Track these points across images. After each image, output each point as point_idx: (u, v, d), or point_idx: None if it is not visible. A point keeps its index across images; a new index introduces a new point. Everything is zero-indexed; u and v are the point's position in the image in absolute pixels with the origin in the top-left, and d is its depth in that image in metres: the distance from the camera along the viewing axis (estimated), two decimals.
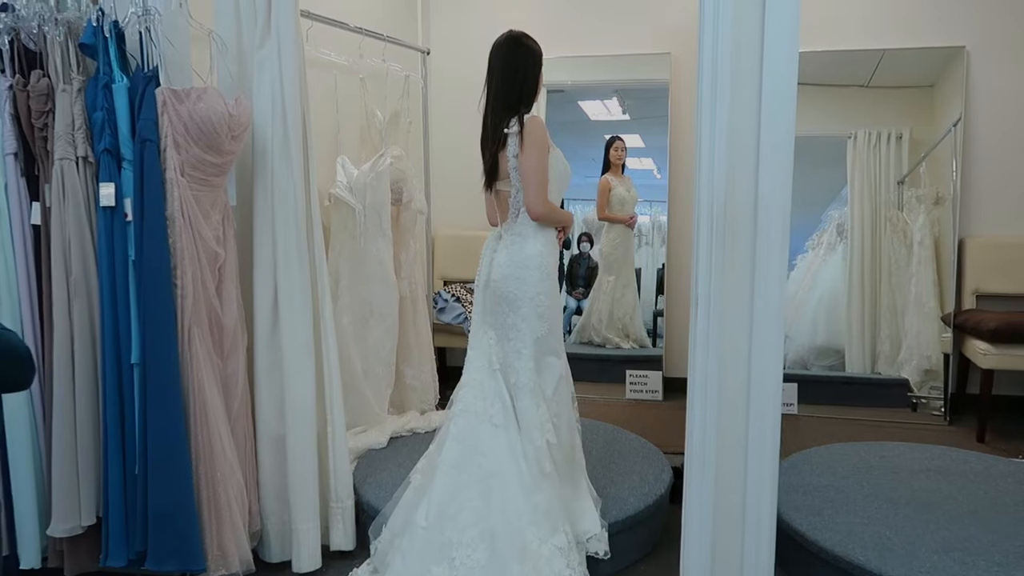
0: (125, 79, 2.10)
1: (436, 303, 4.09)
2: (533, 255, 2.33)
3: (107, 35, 2.07)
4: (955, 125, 3.88)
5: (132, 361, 2.09)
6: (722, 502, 1.93)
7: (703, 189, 1.76)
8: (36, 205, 2.14)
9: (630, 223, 4.44)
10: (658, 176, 4.49)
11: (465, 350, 2.49)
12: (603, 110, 4.69)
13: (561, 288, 4.49)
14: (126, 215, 2.09)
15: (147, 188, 2.05)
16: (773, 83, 1.66)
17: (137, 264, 2.08)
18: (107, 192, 2.07)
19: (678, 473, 2.88)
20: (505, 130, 2.28)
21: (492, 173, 2.37)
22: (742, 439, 1.88)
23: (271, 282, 2.34)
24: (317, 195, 2.47)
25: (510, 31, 2.36)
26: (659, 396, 4.17)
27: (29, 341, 2.15)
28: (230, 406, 2.27)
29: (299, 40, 2.37)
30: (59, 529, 2.11)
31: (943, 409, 3.87)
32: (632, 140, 4.60)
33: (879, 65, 4.05)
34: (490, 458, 2.28)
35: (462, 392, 2.41)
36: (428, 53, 3.99)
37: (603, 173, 4.42)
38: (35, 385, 2.16)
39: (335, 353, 2.51)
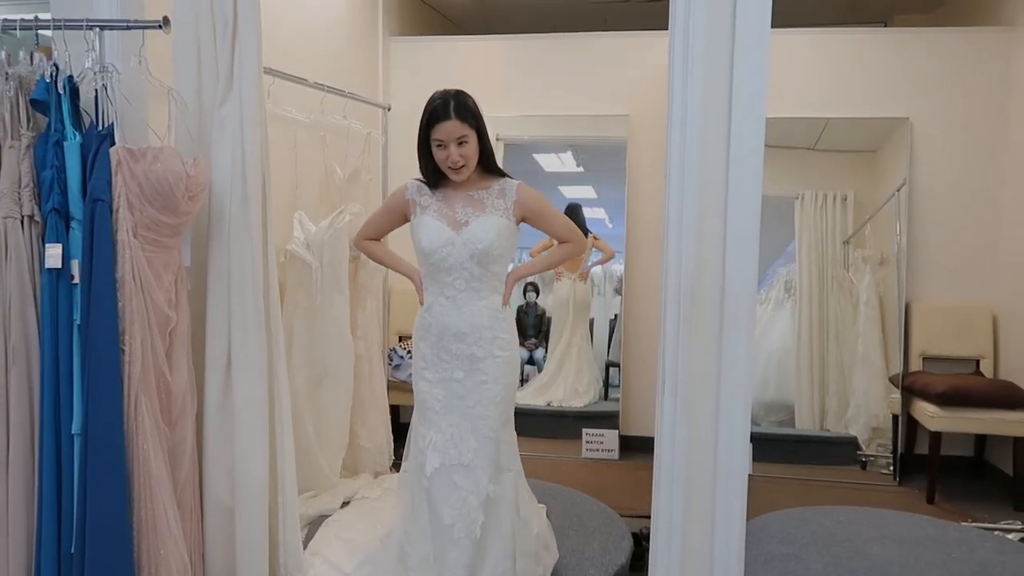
0: (78, 136, 2.02)
1: (391, 359, 4.02)
2: None
3: (60, 91, 1.99)
4: (899, 190, 4.02)
5: (73, 431, 1.97)
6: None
7: (671, 270, 1.76)
8: None
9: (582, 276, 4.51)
10: (609, 225, 4.60)
11: None
12: (557, 162, 4.79)
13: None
14: (73, 277, 1.99)
15: (97, 249, 1.96)
16: (740, 179, 1.69)
17: (83, 329, 1.97)
18: (53, 253, 1.97)
19: (637, 539, 2.85)
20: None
21: None
22: (708, 518, 1.86)
23: (225, 347, 2.24)
24: (275, 256, 2.40)
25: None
26: (615, 455, 4.14)
27: None
28: (176, 476, 2.16)
29: (262, 98, 2.32)
30: None
31: (892, 469, 3.93)
32: (585, 191, 4.73)
33: (824, 130, 4.20)
34: None
35: None
36: (389, 109, 3.99)
37: None
38: None
39: (289, 420, 2.42)
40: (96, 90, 2.02)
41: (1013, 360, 3.78)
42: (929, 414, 3.58)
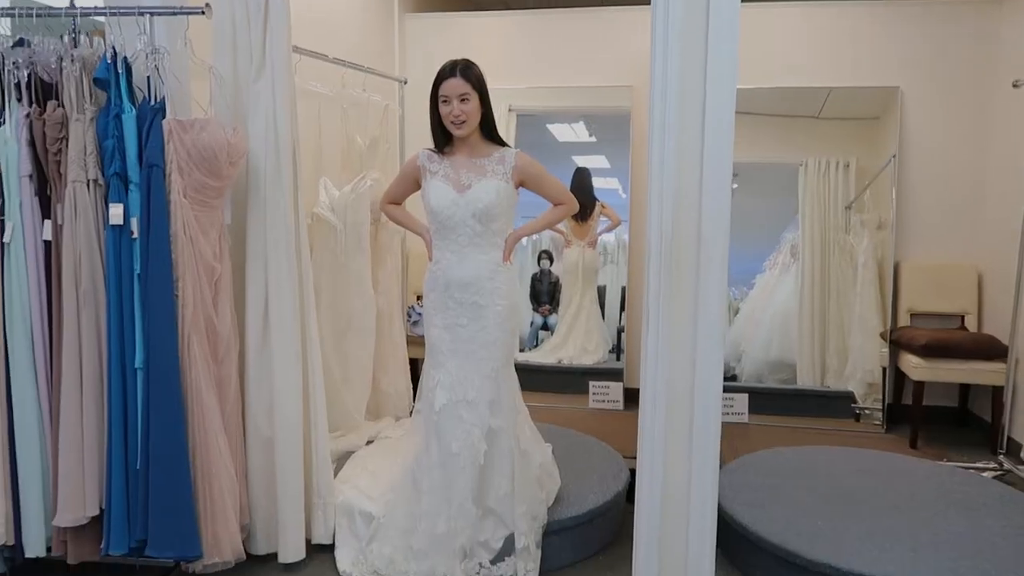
0: (133, 110, 2.31)
1: (410, 316, 4.32)
2: None
3: (119, 71, 2.28)
4: (894, 157, 4.21)
5: (136, 365, 2.29)
6: (670, 493, 2.17)
7: (653, 224, 2.02)
8: (48, 223, 2.33)
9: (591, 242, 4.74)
10: (623, 195, 4.71)
11: None
12: (570, 132, 4.94)
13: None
14: (132, 233, 2.29)
15: (153, 208, 2.26)
16: (713, 143, 1.94)
17: (142, 277, 2.28)
18: (116, 212, 2.27)
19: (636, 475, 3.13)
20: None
21: None
22: (687, 437, 2.13)
23: (262, 295, 2.54)
24: (305, 216, 2.69)
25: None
26: (620, 405, 4.42)
27: (39, 346, 2.33)
28: (224, 407, 2.47)
29: (291, 74, 2.59)
30: (64, 519, 2.28)
31: (882, 418, 4.17)
32: (598, 161, 4.84)
33: (827, 99, 4.38)
34: None
35: None
36: (405, 83, 4.24)
37: None
38: (44, 386, 2.34)
39: (319, 362, 2.71)
40: (149, 69, 2.30)
41: (995, 316, 3.99)
42: (912, 365, 3.82)
